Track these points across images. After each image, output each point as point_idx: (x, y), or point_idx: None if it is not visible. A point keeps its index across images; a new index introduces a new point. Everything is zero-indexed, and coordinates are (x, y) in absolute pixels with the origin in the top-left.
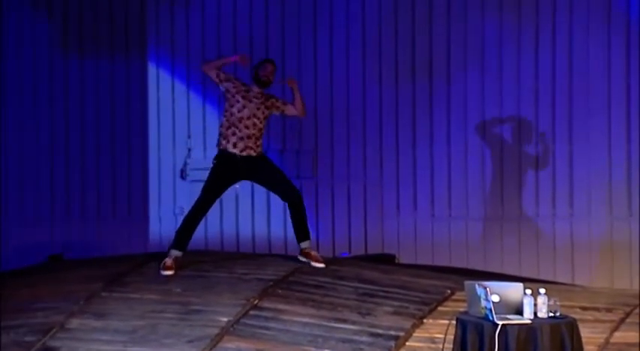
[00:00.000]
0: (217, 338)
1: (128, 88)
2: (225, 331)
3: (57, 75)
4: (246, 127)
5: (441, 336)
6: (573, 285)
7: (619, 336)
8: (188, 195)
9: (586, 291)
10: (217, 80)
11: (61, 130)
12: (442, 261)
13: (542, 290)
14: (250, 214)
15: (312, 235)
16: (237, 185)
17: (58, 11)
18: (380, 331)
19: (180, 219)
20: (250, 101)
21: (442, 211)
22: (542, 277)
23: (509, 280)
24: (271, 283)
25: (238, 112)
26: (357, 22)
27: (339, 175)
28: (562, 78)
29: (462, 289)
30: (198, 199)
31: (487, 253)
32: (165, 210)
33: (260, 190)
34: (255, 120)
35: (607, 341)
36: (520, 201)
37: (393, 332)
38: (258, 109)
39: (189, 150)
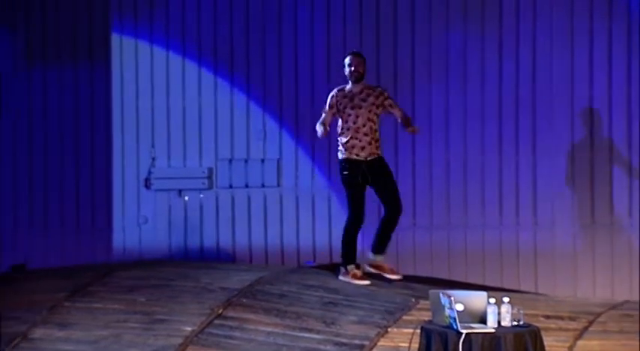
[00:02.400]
0: (181, 348)
1: (91, 97)
2: (190, 341)
3: (20, 85)
4: (365, 135)
5: (406, 345)
6: (537, 294)
7: (582, 344)
8: (152, 204)
9: (549, 300)
10: (333, 116)
11: (23, 140)
12: (406, 270)
13: (505, 299)
14: (215, 223)
15: (277, 243)
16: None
17: (21, 22)
18: (344, 341)
19: (144, 228)
20: (360, 107)
21: (406, 220)
22: (505, 285)
23: (473, 289)
24: (236, 292)
25: (354, 123)
26: (321, 34)
27: (303, 185)
28: (525, 88)
29: (427, 298)
30: (350, 209)
31: (451, 262)
32: (129, 220)
33: (225, 199)
34: (372, 124)
35: (570, 350)
36: (484, 210)
37: (357, 341)
38: (370, 111)
39: (153, 159)
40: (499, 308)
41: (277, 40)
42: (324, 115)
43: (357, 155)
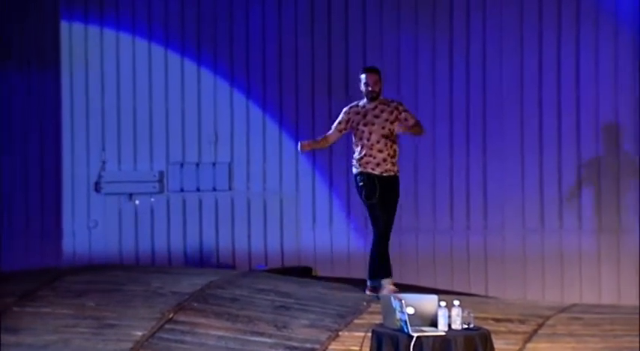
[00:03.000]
0: None
1: (42, 102)
2: (140, 346)
3: None
4: (380, 151)
5: (357, 348)
6: (487, 297)
7: (531, 347)
8: (102, 208)
9: (499, 303)
10: (344, 131)
11: None
12: (358, 273)
13: (456, 302)
14: (166, 227)
15: (229, 247)
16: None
17: None
18: (296, 344)
19: (94, 232)
20: (373, 124)
21: (358, 224)
22: (456, 289)
23: (424, 292)
24: (187, 296)
25: (367, 140)
26: (273, 35)
27: (255, 188)
28: (476, 93)
29: (378, 301)
30: (373, 224)
31: (403, 265)
32: (79, 224)
33: (176, 203)
34: (386, 140)
35: None
36: (435, 214)
37: (309, 345)
38: (383, 128)
39: (104, 163)
40: (450, 311)
41: (229, 46)
42: (331, 130)
43: (373, 170)
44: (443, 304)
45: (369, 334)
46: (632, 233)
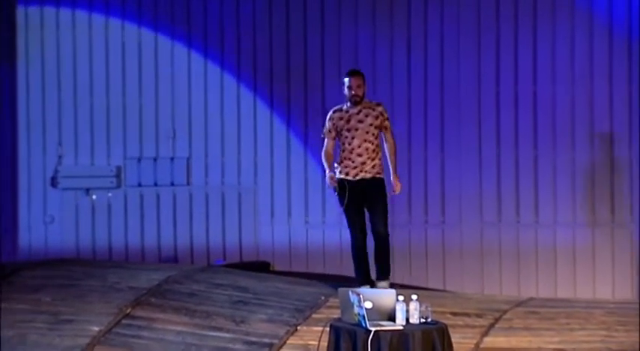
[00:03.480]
0: (88, 348)
1: None
2: (97, 341)
3: None
4: (359, 155)
5: (315, 343)
6: (445, 291)
7: (489, 341)
8: (59, 203)
9: (457, 297)
10: (334, 139)
11: None
12: (316, 268)
13: (414, 296)
14: (123, 222)
15: (186, 242)
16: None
17: None
18: (254, 339)
19: (51, 227)
20: (357, 129)
21: (316, 218)
22: (414, 283)
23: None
24: (144, 291)
25: (349, 145)
26: (231, 29)
27: (213, 183)
28: (434, 88)
29: (336, 295)
30: (349, 228)
31: None
32: (35, 218)
33: (134, 198)
34: (368, 144)
35: (477, 346)
36: (393, 208)
37: (267, 340)
38: (367, 132)
39: (60, 157)
40: (407, 306)
41: (187, 41)
42: (325, 140)
43: (347, 175)
44: (401, 298)
45: (327, 329)
46: (584, 227)
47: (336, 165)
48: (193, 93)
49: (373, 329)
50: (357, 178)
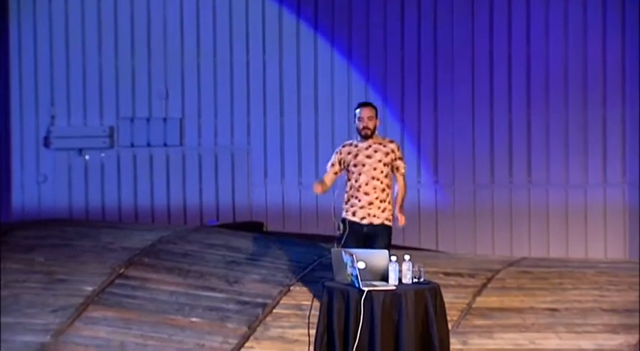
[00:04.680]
0: (82, 308)
1: None
2: (91, 301)
3: None
4: (366, 194)
5: (308, 303)
6: (437, 251)
7: (481, 301)
8: (52, 163)
9: (450, 257)
10: (339, 173)
11: None
12: (309, 228)
13: (407, 257)
14: (116, 182)
15: (180, 202)
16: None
17: None
18: (247, 299)
19: (44, 187)
20: (364, 165)
21: (309, 179)
22: (407, 243)
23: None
24: (138, 251)
25: (356, 181)
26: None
27: (206, 143)
28: (427, 50)
29: (329, 256)
30: None
31: None
32: (28, 178)
33: (126, 158)
34: (376, 182)
35: (469, 306)
36: None
37: (260, 300)
38: (375, 169)
39: (53, 117)
40: (400, 266)
41: (179, 4)
42: (326, 172)
43: (353, 215)
44: (394, 258)
45: (320, 289)
46: (577, 188)
47: (343, 205)
48: (186, 53)
49: (366, 289)
50: (364, 221)
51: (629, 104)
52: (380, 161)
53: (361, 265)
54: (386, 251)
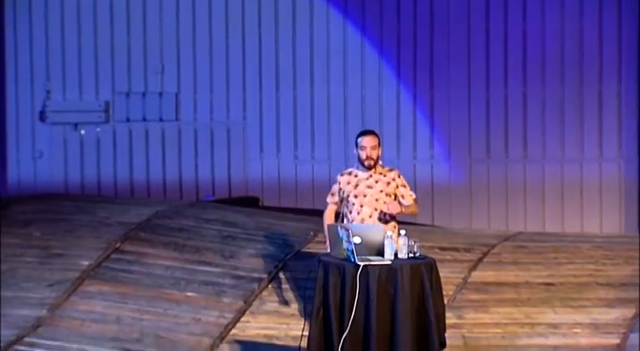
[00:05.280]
0: (78, 282)
1: None
2: (87, 275)
3: None
4: None
5: (304, 277)
6: (433, 226)
7: (477, 275)
8: (47, 138)
9: (445, 232)
10: (336, 204)
11: None
12: (305, 203)
13: (402, 231)
14: (112, 157)
15: (175, 177)
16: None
17: None
18: (243, 274)
19: (39, 162)
20: (365, 195)
21: (305, 154)
22: (403, 219)
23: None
24: (134, 226)
25: (358, 214)
26: None
27: (202, 119)
28: (423, 25)
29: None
30: None
31: None
32: (23, 153)
33: (122, 133)
34: (379, 215)
35: (465, 280)
36: (383, 144)
37: (256, 274)
38: (377, 200)
39: (48, 92)
40: (396, 241)
41: None
42: (327, 207)
43: None
44: (389, 233)
45: (316, 264)
46: (573, 163)
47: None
48: (181, 27)
49: (362, 264)
50: None
51: (625, 79)
52: (382, 192)
53: (357, 239)
54: (381, 226)
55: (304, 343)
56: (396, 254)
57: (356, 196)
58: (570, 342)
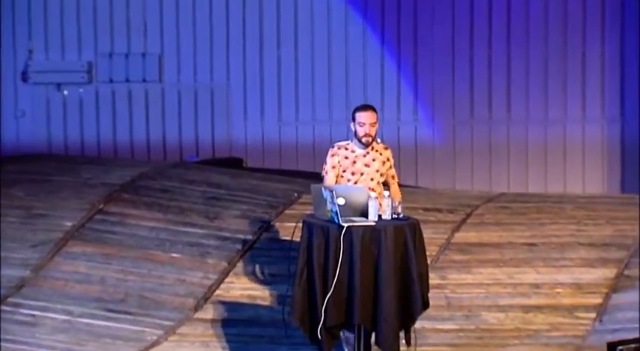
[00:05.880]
0: (62, 243)
1: None
2: (70, 236)
3: None
4: None
5: (288, 238)
6: (417, 187)
7: (460, 236)
8: (30, 98)
9: (429, 193)
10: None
11: None
12: (289, 165)
13: (386, 193)
14: (95, 118)
15: (159, 138)
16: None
17: None
18: (227, 235)
19: (22, 122)
20: (362, 174)
21: (289, 116)
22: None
23: None
24: (117, 187)
25: None
26: None
27: (185, 80)
28: None
29: (309, 192)
30: None
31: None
32: (6, 113)
33: (105, 94)
34: (372, 193)
35: (448, 241)
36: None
37: (240, 236)
38: (372, 179)
39: (31, 52)
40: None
41: None
42: (327, 179)
43: None
44: (373, 194)
45: (300, 225)
46: (556, 123)
47: None
48: None
49: (346, 225)
50: None
51: (608, 41)
52: (377, 171)
53: (341, 201)
54: (364, 187)
55: (288, 304)
56: (379, 215)
57: (353, 173)
58: (552, 302)
